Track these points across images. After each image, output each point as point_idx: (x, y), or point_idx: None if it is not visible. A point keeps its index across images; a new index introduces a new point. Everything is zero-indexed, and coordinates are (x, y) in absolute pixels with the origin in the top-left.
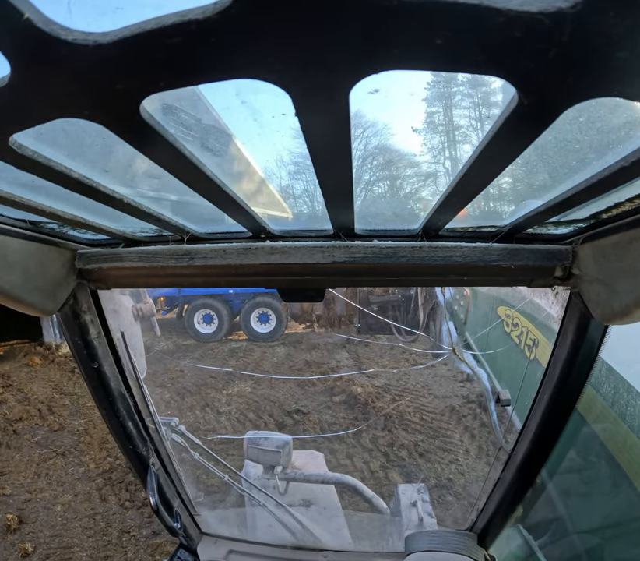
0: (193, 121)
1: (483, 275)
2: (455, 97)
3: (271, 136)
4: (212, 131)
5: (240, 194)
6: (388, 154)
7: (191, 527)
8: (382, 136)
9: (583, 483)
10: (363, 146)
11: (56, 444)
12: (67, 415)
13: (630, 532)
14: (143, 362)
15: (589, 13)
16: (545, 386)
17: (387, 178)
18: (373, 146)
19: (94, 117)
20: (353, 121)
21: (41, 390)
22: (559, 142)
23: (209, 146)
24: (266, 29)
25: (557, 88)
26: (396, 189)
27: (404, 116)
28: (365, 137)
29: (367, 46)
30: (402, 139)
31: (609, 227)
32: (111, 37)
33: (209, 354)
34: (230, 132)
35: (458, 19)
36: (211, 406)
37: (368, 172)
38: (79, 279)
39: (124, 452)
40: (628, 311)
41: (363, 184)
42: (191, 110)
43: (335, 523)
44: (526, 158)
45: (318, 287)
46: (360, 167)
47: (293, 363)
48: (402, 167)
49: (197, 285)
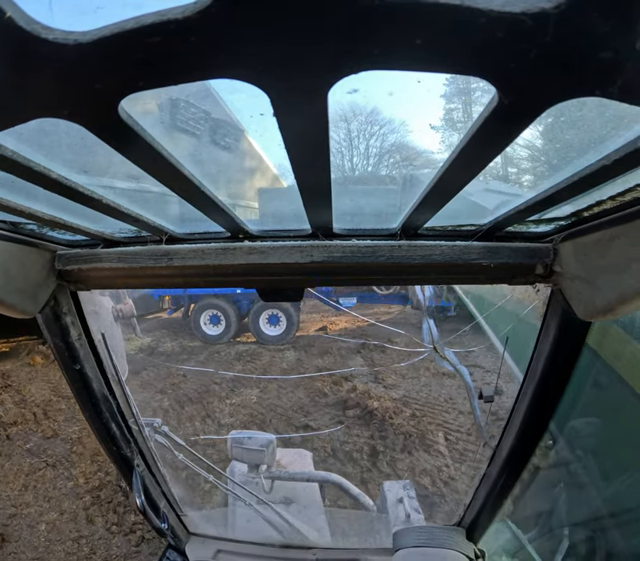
0: (202, 115)
1: (463, 273)
2: (475, 93)
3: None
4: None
5: (219, 193)
6: (405, 151)
7: (178, 527)
8: (399, 133)
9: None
10: (380, 142)
11: (47, 453)
12: (62, 421)
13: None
14: (124, 363)
15: (572, 14)
16: (528, 382)
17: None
18: (389, 144)
19: (73, 117)
20: (369, 118)
21: (39, 392)
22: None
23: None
24: (246, 29)
25: (538, 88)
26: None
27: (422, 113)
28: (382, 134)
29: (347, 46)
30: (420, 137)
31: (590, 225)
32: (91, 37)
33: (214, 358)
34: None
35: (439, 19)
36: (212, 417)
37: (385, 169)
38: (59, 280)
39: (108, 454)
40: (611, 307)
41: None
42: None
43: (321, 520)
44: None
45: (297, 286)
46: (376, 165)
47: (304, 369)
48: (419, 167)
49: (176, 286)
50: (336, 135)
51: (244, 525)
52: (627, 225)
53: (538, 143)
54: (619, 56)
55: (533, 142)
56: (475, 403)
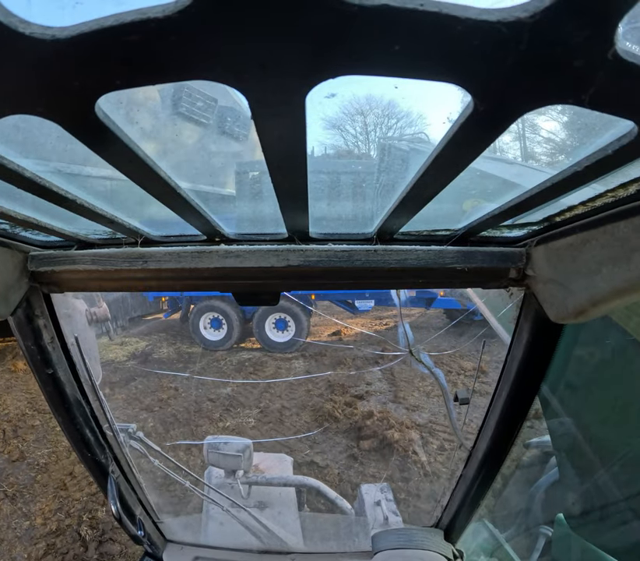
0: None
1: (437, 277)
2: None
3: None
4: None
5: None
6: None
7: (155, 534)
8: (417, 127)
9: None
10: (398, 134)
11: (10, 480)
12: (32, 441)
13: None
14: (98, 368)
15: (547, 24)
16: (502, 384)
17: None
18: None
19: (48, 114)
20: (386, 111)
21: (15, 404)
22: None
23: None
24: (226, 30)
25: (512, 95)
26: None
27: (440, 106)
28: (399, 127)
29: (325, 50)
30: (437, 130)
31: (562, 230)
32: (69, 33)
33: (213, 367)
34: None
35: (417, 26)
36: (200, 446)
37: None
38: (32, 282)
39: (82, 460)
40: (582, 309)
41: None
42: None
43: (296, 525)
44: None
45: (273, 290)
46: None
47: (313, 384)
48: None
49: (151, 289)
50: (352, 128)
51: (221, 531)
52: (597, 230)
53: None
54: (591, 65)
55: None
56: (450, 406)
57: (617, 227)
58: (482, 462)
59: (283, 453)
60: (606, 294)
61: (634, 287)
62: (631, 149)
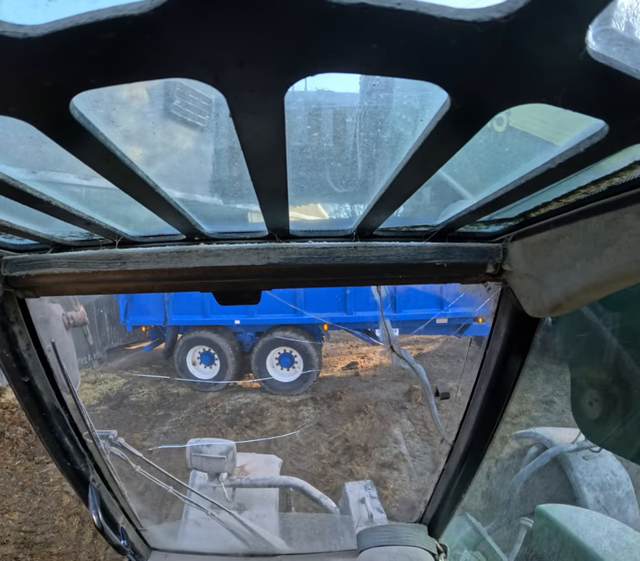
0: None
1: (417, 273)
2: None
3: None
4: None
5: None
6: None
7: (138, 543)
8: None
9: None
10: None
11: None
12: None
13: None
14: (76, 374)
15: (521, 24)
16: (482, 377)
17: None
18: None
19: (21, 114)
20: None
21: None
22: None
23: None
24: (202, 27)
25: (487, 94)
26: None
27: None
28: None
29: (303, 48)
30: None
31: (537, 225)
32: (42, 31)
33: (201, 416)
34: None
35: (394, 24)
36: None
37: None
38: (6, 287)
39: (61, 469)
40: (557, 303)
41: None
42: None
43: (277, 526)
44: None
45: (254, 289)
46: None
47: (327, 445)
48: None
49: (130, 291)
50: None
51: (206, 536)
52: (571, 225)
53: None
54: (563, 65)
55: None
56: (432, 402)
57: (589, 223)
58: (463, 456)
59: (273, 455)
60: (579, 288)
61: (607, 281)
62: (601, 147)
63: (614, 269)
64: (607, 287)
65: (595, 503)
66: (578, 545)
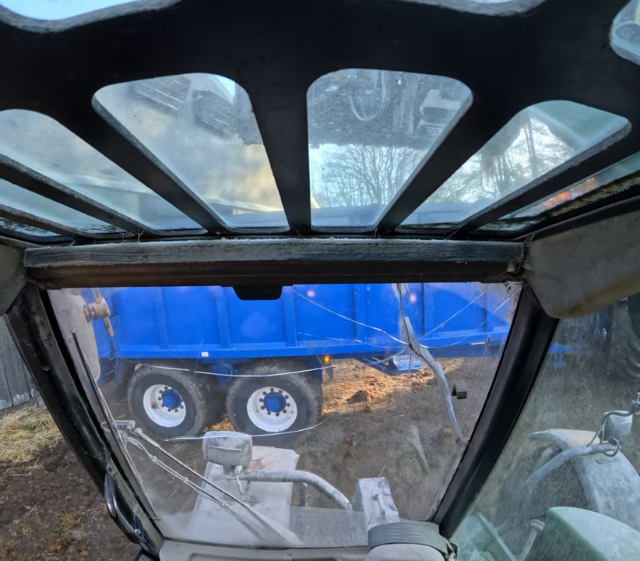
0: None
1: (437, 271)
2: None
3: None
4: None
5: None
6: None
7: (151, 532)
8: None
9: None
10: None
11: None
12: None
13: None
14: (96, 364)
15: (543, 18)
16: (499, 378)
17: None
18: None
19: (44, 109)
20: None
21: None
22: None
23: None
24: (223, 22)
25: (510, 90)
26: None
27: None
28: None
29: (327, 43)
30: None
31: (559, 225)
32: (63, 26)
33: (160, 486)
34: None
35: (416, 19)
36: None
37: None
38: (28, 278)
39: (79, 458)
40: (577, 304)
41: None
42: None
43: (288, 519)
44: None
45: (275, 284)
46: None
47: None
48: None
49: (151, 284)
50: None
51: (218, 527)
52: (593, 225)
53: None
54: (586, 61)
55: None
56: (448, 399)
57: (611, 223)
58: (478, 456)
59: (290, 450)
60: (600, 289)
61: (628, 282)
62: (624, 146)
63: (636, 270)
64: (629, 288)
65: (605, 508)
66: (588, 549)
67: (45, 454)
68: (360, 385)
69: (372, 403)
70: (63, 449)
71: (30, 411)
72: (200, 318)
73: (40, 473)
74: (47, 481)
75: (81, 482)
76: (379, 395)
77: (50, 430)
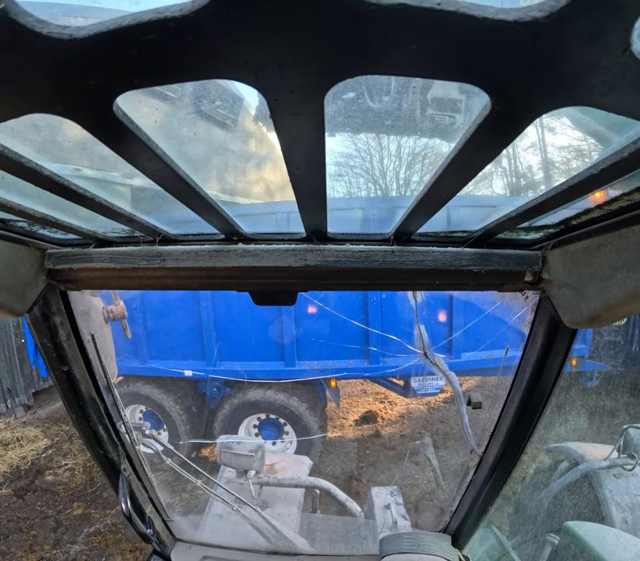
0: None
1: (454, 279)
2: None
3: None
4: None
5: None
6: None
7: (164, 533)
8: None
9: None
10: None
11: None
12: None
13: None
14: (114, 365)
15: (563, 23)
16: (515, 388)
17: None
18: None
19: (66, 113)
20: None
21: None
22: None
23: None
24: (243, 29)
25: (529, 96)
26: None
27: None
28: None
29: (344, 50)
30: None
31: (578, 233)
32: (86, 32)
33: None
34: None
35: (434, 25)
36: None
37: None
38: (49, 279)
39: (94, 457)
40: (597, 315)
41: None
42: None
43: (298, 525)
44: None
45: (291, 290)
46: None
47: None
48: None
49: (168, 287)
50: None
51: (229, 531)
52: (613, 234)
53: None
54: (607, 66)
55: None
56: (463, 410)
57: (632, 231)
58: (492, 467)
59: (305, 456)
60: (620, 299)
61: None
62: None
63: None
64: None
65: (622, 523)
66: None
67: (16, 477)
68: (368, 403)
69: (383, 425)
70: (35, 472)
71: (7, 423)
72: (184, 330)
73: (7, 500)
74: (14, 510)
75: (50, 515)
76: (390, 416)
77: (25, 448)
